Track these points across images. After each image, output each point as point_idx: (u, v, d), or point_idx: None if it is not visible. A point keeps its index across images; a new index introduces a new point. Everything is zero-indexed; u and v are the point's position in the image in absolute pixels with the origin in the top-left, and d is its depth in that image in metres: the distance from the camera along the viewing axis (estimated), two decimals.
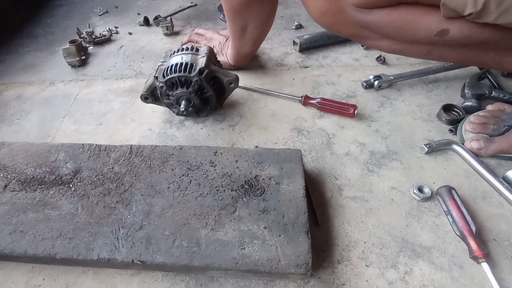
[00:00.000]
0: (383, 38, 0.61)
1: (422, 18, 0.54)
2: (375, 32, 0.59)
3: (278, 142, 0.85)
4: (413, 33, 0.56)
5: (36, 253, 0.58)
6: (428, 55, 0.63)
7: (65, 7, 1.55)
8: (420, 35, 0.55)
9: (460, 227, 0.63)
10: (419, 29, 0.55)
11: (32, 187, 0.67)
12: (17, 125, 0.96)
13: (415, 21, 0.54)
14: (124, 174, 0.68)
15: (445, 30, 0.52)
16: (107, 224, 0.61)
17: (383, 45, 0.64)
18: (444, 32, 0.52)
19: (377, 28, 0.58)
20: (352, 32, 0.64)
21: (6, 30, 1.38)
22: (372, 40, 0.64)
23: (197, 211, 0.62)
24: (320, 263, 0.62)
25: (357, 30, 0.62)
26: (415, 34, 0.56)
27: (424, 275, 0.60)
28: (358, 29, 0.62)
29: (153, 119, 0.94)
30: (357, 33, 0.63)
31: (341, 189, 0.73)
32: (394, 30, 0.56)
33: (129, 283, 0.61)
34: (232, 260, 0.55)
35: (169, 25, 1.28)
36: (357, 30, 0.62)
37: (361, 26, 0.59)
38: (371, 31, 0.60)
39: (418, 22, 0.54)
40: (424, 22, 0.54)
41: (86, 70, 1.15)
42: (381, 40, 0.62)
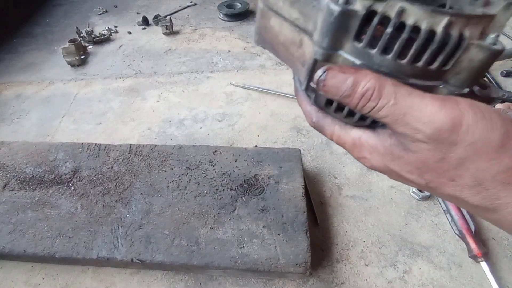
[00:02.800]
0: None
1: None
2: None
3: (277, 142, 0.85)
4: None
5: (35, 252, 0.58)
6: None
7: (64, 7, 1.55)
8: None
9: (459, 226, 0.63)
10: None
11: (31, 186, 0.67)
12: (16, 124, 0.96)
13: None
14: (124, 173, 0.68)
15: None
16: (107, 223, 0.61)
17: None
18: None
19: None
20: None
21: (6, 29, 1.38)
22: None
23: (196, 210, 0.62)
24: (319, 262, 0.62)
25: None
26: None
27: (423, 274, 0.60)
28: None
29: (152, 119, 0.94)
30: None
31: (340, 188, 0.73)
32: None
33: (129, 282, 0.61)
34: (231, 259, 0.55)
35: (169, 24, 1.28)
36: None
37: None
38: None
39: None
40: None
41: (85, 69, 1.15)
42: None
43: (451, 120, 0.22)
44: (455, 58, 0.23)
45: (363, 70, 0.24)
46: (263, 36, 0.31)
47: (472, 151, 0.22)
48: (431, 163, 0.24)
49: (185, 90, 1.03)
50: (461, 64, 0.23)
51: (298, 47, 0.27)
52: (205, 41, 1.26)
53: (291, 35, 0.27)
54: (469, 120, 0.22)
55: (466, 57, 0.23)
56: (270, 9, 0.28)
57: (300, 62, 0.28)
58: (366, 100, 0.24)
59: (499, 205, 0.23)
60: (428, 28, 0.21)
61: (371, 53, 0.23)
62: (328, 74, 0.25)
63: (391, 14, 0.22)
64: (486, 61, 0.23)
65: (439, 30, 0.21)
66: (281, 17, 0.27)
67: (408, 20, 0.22)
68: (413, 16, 0.21)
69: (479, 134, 0.22)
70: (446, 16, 0.21)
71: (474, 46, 0.22)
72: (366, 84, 0.23)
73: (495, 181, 0.23)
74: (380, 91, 0.23)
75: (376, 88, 0.23)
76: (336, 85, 0.24)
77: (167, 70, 1.12)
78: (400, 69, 0.23)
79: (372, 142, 0.27)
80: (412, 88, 0.23)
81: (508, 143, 0.22)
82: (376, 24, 0.22)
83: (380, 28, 0.23)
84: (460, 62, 0.23)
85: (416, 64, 0.23)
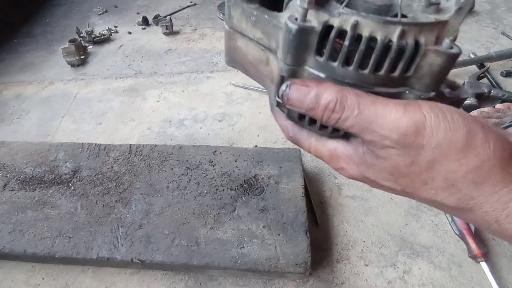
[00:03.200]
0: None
1: None
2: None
3: (277, 141, 0.85)
4: None
5: (35, 252, 0.58)
6: None
7: (64, 7, 1.55)
8: None
9: (459, 226, 0.63)
10: None
11: (31, 186, 0.67)
12: (16, 124, 0.96)
13: None
14: (124, 173, 0.68)
15: None
16: (107, 223, 0.61)
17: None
18: None
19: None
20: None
21: (6, 29, 1.38)
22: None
23: (196, 210, 0.62)
24: (319, 262, 0.62)
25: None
26: None
27: (423, 274, 0.60)
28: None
29: (152, 119, 0.94)
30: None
31: (340, 188, 0.73)
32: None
33: (128, 282, 0.61)
34: (231, 259, 0.55)
35: (169, 24, 1.28)
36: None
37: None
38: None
39: None
40: None
41: (85, 69, 1.15)
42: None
43: (414, 124, 0.22)
44: (415, 64, 0.23)
45: (325, 82, 0.24)
46: (233, 57, 0.31)
47: (439, 153, 0.23)
48: (402, 168, 0.24)
49: (185, 90, 1.03)
50: (422, 70, 0.24)
51: (266, 65, 0.28)
52: (205, 41, 1.26)
53: (257, 54, 0.28)
54: (431, 122, 0.22)
55: (426, 62, 0.23)
56: (235, 31, 0.29)
57: (270, 79, 0.28)
58: (330, 112, 0.24)
59: (474, 205, 0.23)
60: (384, 38, 0.22)
61: (333, 66, 0.24)
62: (291, 89, 0.25)
63: (346, 28, 0.23)
64: (445, 65, 0.23)
65: (394, 39, 0.22)
66: (246, 37, 0.28)
67: (364, 32, 0.22)
68: (367, 28, 0.22)
69: (443, 135, 0.22)
70: (399, 26, 0.22)
71: (431, 52, 0.23)
72: (329, 96, 0.24)
73: (466, 181, 0.23)
74: (343, 103, 0.24)
75: (338, 100, 0.24)
76: (300, 99, 0.25)
77: (167, 70, 1.12)
78: (363, 79, 0.24)
79: (347, 152, 0.27)
80: (376, 96, 0.24)
81: (473, 142, 0.22)
82: (334, 38, 0.23)
83: (339, 41, 0.23)
84: (420, 67, 0.23)
85: (378, 73, 0.24)
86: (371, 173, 0.26)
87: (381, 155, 0.24)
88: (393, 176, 0.25)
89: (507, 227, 0.23)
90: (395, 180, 0.25)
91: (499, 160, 0.22)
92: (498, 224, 0.23)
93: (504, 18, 1.24)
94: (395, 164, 0.24)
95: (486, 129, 0.23)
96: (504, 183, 0.22)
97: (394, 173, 0.25)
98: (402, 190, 0.26)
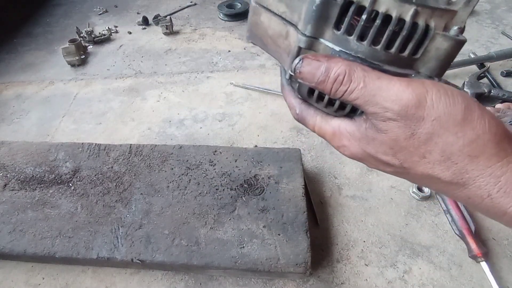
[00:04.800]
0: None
1: None
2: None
3: (277, 141, 0.85)
4: None
5: (35, 252, 0.58)
6: None
7: (64, 6, 1.55)
8: None
9: (459, 226, 0.63)
10: None
11: (31, 186, 0.67)
12: (16, 124, 0.96)
13: None
14: (124, 173, 0.68)
15: None
16: (107, 223, 0.61)
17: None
18: None
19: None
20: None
21: (6, 29, 1.38)
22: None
23: (196, 210, 0.62)
24: (319, 262, 0.62)
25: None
26: None
27: (423, 274, 0.60)
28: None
29: (152, 118, 0.94)
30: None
31: (340, 188, 0.73)
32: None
33: (129, 282, 0.61)
34: (231, 259, 0.55)
35: (169, 24, 1.28)
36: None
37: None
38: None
39: None
40: None
41: (85, 69, 1.15)
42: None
43: (416, 96, 0.24)
44: (424, 47, 0.25)
45: (335, 57, 0.26)
46: (254, 32, 0.33)
47: (438, 125, 0.24)
48: (402, 141, 0.25)
49: (185, 90, 1.03)
50: (429, 53, 0.25)
51: (285, 39, 0.30)
52: (205, 41, 1.26)
53: (278, 27, 0.30)
54: (433, 96, 0.24)
55: (433, 46, 0.25)
56: (261, 6, 0.31)
57: (286, 52, 0.30)
58: (338, 84, 0.26)
59: (468, 179, 0.25)
60: (398, 16, 0.24)
61: (349, 39, 0.26)
62: (304, 62, 0.27)
63: (365, 4, 0.24)
64: (451, 50, 0.25)
65: (408, 18, 0.24)
66: (270, 12, 0.30)
67: (381, 8, 0.24)
68: (384, 5, 0.24)
69: (443, 108, 0.24)
70: (413, 6, 0.24)
71: (440, 36, 0.25)
72: (338, 69, 0.25)
73: (461, 154, 0.24)
74: (350, 76, 0.25)
75: (347, 73, 0.25)
76: (311, 72, 0.27)
77: (167, 70, 1.12)
78: (375, 55, 0.26)
79: (350, 128, 0.29)
80: (382, 73, 0.26)
81: (470, 116, 0.24)
82: (353, 12, 0.25)
83: (357, 18, 0.25)
84: (428, 51, 0.25)
85: (389, 50, 0.25)
86: (371, 148, 0.28)
87: (382, 128, 0.26)
88: (392, 150, 0.26)
89: (499, 201, 0.24)
90: (394, 154, 0.27)
91: (494, 135, 0.24)
92: (491, 199, 0.24)
93: (504, 18, 1.24)
94: (395, 136, 0.25)
95: (482, 108, 0.24)
96: (498, 157, 0.24)
97: (394, 146, 0.26)
98: (400, 165, 0.27)
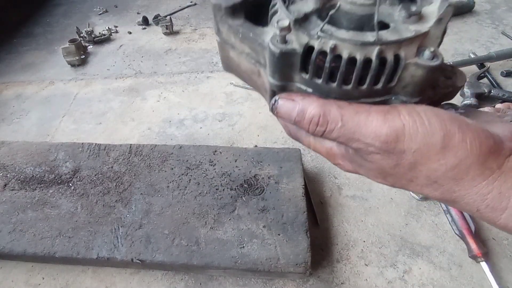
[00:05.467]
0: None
1: None
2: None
3: (277, 141, 0.85)
4: None
5: (35, 252, 0.58)
6: None
7: (64, 6, 1.55)
8: None
9: (459, 226, 0.63)
10: None
11: (31, 186, 0.67)
12: (16, 124, 0.96)
13: None
14: (124, 173, 0.68)
15: None
16: (107, 223, 0.61)
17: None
18: None
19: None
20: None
21: (6, 29, 1.38)
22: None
23: (196, 210, 0.62)
24: (319, 262, 0.62)
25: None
26: None
27: (423, 274, 0.60)
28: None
29: (152, 118, 0.94)
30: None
31: (340, 188, 0.73)
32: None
33: (129, 282, 0.61)
34: (231, 259, 0.55)
35: (169, 24, 1.28)
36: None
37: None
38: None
39: None
40: None
41: (85, 69, 1.15)
42: None
43: (394, 132, 0.24)
44: (397, 76, 0.24)
45: (310, 96, 0.26)
46: (228, 65, 0.32)
47: (419, 156, 0.24)
48: (388, 169, 0.26)
49: (185, 90, 1.03)
50: (405, 80, 0.24)
51: (258, 76, 0.29)
52: (205, 41, 1.25)
53: (249, 66, 0.29)
54: (410, 129, 0.24)
55: (408, 74, 0.24)
56: (226, 43, 0.29)
57: (263, 89, 0.29)
58: (315, 126, 0.26)
59: (456, 197, 0.25)
60: (363, 58, 0.23)
61: (318, 83, 0.25)
62: (279, 103, 0.27)
63: (326, 49, 0.23)
64: (426, 76, 0.23)
65: (373, 58, 0.22)
66: (237, 50, 0.29)
67: (343, 53, 0.23)
68: (346, 49, 0.23)
69: (421, 140, 0.24)
70: (377, 46, 0.22)
71: (412, 65, 0.23)
72: (312, 110, 0.25)
73: (446, 178, 0.25)
74: (326, 116, 0.25)
75: (321, 114, 0.25)
76: (287, 113, 0.27)
77: (167, 70, 1.12)
78: (348, 94, 0.25)
79: (340, 151, 0.30)
80: (359, 105, 0.25)
81: (450, 142, 0.24)
82: (315, 59, 0.24)
83: (322, 59, 0.24)
84: (403, 78, 0.24)
85: (361, 87, 0.24)
86: (363, 171, 0.29)
87: (367, 159, 0.27)
88: (381, 175, 0.27)
89: (487, 215, 0.25)
90: (383, 178, 0.28)
91: (477, 157, 0.24)
92: (479, 213, 0.25)
93: (504, 18, 1.24)
94: (381, 166, 0.26)
95: (464, 129, 0.24)
96: (482, 177, 0.24)
97: (381, 172, 0.27)
98: (392, 185, 0.28)
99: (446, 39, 0.27)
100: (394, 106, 0.25)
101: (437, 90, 0.27)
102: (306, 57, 0.24)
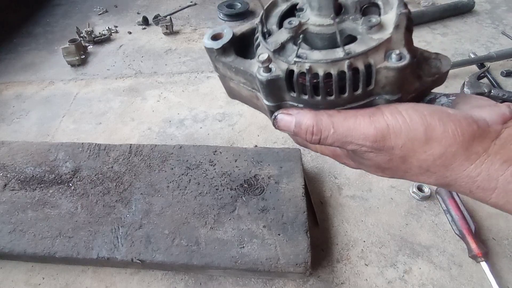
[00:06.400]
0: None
1: None
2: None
3: (277, 141, 0.85)
4: None
5: (35, 252, 0.58)
6: None
7: (64, 6, 1.55)
8: None
9: (459, 226, 0.63)
10: None
11: (31, 186, 0.67)
12: (16, 124, 0.96)
13: None
14: (124, 173, 0.68)
15: None
16: (107, 223, 0.61)
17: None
18: None
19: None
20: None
21: (6, 29, 1.38)
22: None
23: (196, 210, 0.62)
24: (319, 262, 0.62)
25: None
26: None
27: (423, 274, 0.60)
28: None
29: (152, 118, 0.94)
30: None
31: (340, 188, 0.73)
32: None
33: (129, 282, 0.61)
34: (231, 259, 0.55)
35: (169, 24, 1.27)
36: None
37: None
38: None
39: None
40: None
41: (85, 69, 1.15)
42: None
43: (380, 132, 0.27)
44: (373, 80, 0.27)
45: (304, 110, 0.30)
46: (232, 93, 0.36)
47: (406, 150, 0.27)
48: (383, 164, 0.29)
49: (185, 90, 1.03)
50: (382, 81, 0.27)
51: (257, 100, 0.33)
52: None
53: (248, 92, 0.33)
54: (394, 127, 0.27)
55: (381, 76, 0.27)
56: (225, 76, 0.34)
57: (264, 110, 0.34)
58: (311, 135, 0.29)
59: (450, 181, 0.28)
60: (337, 72, 0.26)
61: (305, 98, 0.29)
62: (278, 118, 0.31)
63: (304, 71, 0.27)
64: (399, 75, 0.26)
65: (346, 70, 0.26)
66: (235, 81, 0.33)
67: (319, 71, 0.27)
68: (321, 68, 0.26)
69: (405, 136, 0.27)
70: (345, 60, 0.26)
71: (383, 69, 0.26)
72: (307, 121, 0.29)
73: (436, 166, 0.27)
74: (319, 126, 0.29)
75: (314, 124, 0.29)
76: (286, 125, 0.31)
77: (167, 70, 1.12)
78: (334, 103, 0.28)
79: (343, 153, 0.34)
80: (347, 111, 0.28)
81: (433, 134, 0.26)
82: (296, 80, 0.27)
83: (304, 78, 0.27)
84: (379, 80, 0.27)
85: (343, 95, 0.28)
86: (364, 168, 0.33)
87: (364, 157, 0.30)
88: (379, 169, 0.31)
89: (479, 195, 0.27)
90: (382, 171, 0.31)
91: (461, 144, 0.26)
92: (472, 194, 0.28)
93: (504, 18, 1.23)
94: (377, 162, 0.30)
95: (445, 120, 0.26)
96: (469, 161, 0.26)
97: (379, 167, 0.30)
98: (392, 177, 0.32)
99: (446, 39, 0.27)
100: (378, 107, 0.28)
101: (423, 79, 0.29)
102: (290, 79, 0.28)
